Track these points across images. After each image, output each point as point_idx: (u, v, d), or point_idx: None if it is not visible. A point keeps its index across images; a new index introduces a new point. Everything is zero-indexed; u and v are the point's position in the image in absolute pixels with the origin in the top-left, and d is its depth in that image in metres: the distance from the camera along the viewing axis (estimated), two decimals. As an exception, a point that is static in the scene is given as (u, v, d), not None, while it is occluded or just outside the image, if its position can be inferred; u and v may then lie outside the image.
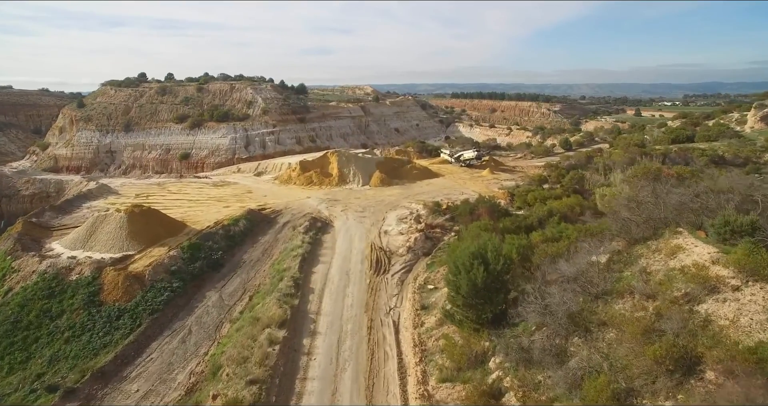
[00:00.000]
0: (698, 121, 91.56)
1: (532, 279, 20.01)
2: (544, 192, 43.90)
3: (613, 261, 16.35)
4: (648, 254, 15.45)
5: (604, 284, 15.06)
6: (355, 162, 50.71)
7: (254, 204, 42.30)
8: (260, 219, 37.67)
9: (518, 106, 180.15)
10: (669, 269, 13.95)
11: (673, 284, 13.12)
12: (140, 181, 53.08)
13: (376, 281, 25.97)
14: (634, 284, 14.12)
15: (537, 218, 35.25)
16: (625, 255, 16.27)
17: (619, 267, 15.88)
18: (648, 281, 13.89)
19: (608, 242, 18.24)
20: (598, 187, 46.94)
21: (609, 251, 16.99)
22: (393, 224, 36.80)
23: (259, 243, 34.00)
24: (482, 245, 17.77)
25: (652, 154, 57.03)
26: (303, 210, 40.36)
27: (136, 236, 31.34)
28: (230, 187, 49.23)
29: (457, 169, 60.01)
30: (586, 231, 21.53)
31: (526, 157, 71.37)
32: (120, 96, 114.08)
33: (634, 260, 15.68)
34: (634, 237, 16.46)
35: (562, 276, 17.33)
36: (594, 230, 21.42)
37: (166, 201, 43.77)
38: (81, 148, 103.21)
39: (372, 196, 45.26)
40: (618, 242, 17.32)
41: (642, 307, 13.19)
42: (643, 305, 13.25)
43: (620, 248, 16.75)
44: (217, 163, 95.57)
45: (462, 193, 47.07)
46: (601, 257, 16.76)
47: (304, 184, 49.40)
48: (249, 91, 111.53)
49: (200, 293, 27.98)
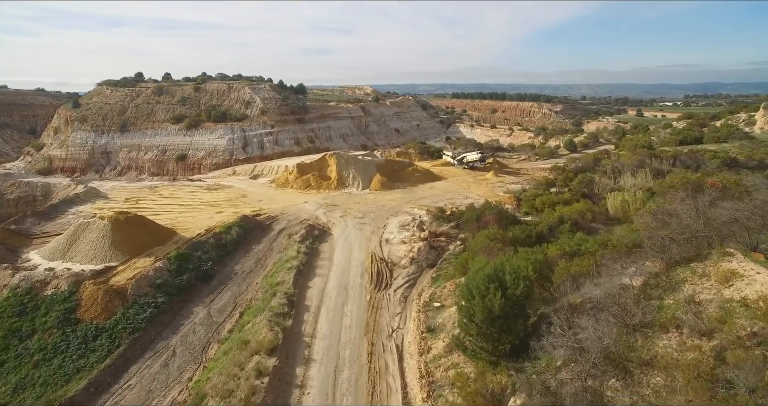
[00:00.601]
0: (705, 122, 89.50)
1: (551, 301, 17.87)
2: (552, 197, 41.75)
3: (650, 285, 14.18)
4: (693, 279, 13.26)
5: (642, 313, 12.89)
6: (355, 165, 48.50)
7: (248, 209, 40.10)
8: (254, 226, 35.46)
9: (519, 107, 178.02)
10: (725, 299, 11.77)
11: (733, 320, 10.95)
12: (132, 184, 50.88)
13: (377, 298, 23.76)
14: (681, 316, 11.97)
15: (547, 225, 33.18)
16: (663, 279, 14.10)
17: (657, 293, 13.70)
18: (699, 313, 11.74)
19: (640, 260, 16.10)
20: (608, 191, 44.90)
21: (643, 273, 14.84)
22: (395, 231, 34.60)
23: (252, 252, 31.78)
24: (499, 265, 15.55)
25: (661, 157, 54.97)
26: (300, 216, 38.16)
27: (120, 246, 29.11)
28: (224, 191, 47.00)
29: (460, 172, 57.83)
30: (609, 245, 19.35)
31: (530, 158, 69.23)
32: (116, 96, 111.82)
33: (676, 285, 13.49)
34: (674, 258, 14.30)
35: (590, 300, 15.17)
36: (618, 245, 19.23)
37: (156, 206, 41.55)
38: (76, 149, 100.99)
39: (372, 200, 43.07)
40: (653, 261, 15.17)
41: (695, 347, 11.02)
42: (696, 344, 11.08)
43: (657, 270, 14.58)
44: (214, 165, 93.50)
45: (466, 198, 44.90)
46: (634, 280, 14.62)
47: (301, 187, 47.19)
48: (247, 91, 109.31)
49: (187, 309, 25.77)
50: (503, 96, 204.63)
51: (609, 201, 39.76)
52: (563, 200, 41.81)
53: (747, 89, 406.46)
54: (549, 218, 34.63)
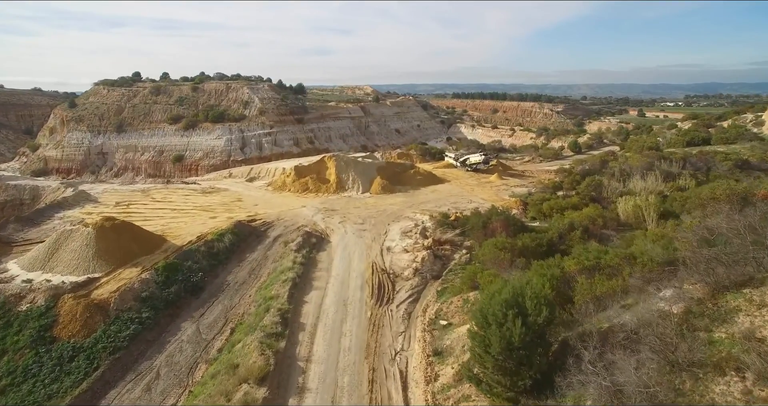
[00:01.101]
0: (710, 123, 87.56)
1: (572, 324, 15.96)
2: (560, 201, 39.84)
3: (693, 314, 12.29)
4: (749, 308, 11.35)
5: (688, 349, 11.00)
6: (355, 167, 46.56)
7: (244, 214, 38.19)
8: (249, 233, 33.53)
9: (520, 107, 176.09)
10: (795, 338, 9.89)
11: (811, 367, 9.09)
12: (124, 187, 48.93)
13: (378, 314, 21.85)
14: (742, 356, 10.11)
15: (557, 232, 31.30)
16: (709, 306, 12.21)
17: (704, 324, 11.79)
18: (763, 354, 9.87)
19: (675, 281, 14.21)
20: (618, 195, 42.98)
21: (683, 298, 12.95)
22: (396, 238, 32.69)
23: (246, 261, 29.86)
24: (518, 289, 13.62)
25: (671, 159, 53.05)
26: (297, 222, 36.24)
27: (104, 255, 27.18)
28: (219, 195, 45.06)
29: (463, 174, 55.92)
30: (638, 262, 17.41)
31: (535, 160, 67.32)
32: (113, 96, 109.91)
33: (727, 315, 11.59)
34: (721, 282, 12.40)
35: (621, 328, 13.26)
36: (647, 261, 17.28)
37: (147, 210, 39.62)
38: (71, 149, 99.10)
39: (373, 205, 41.15)
40: (693, 284, 13.27)
41: (765, 398, 9.16)
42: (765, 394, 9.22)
43: (701, 296, 12.68)
44: (212, 166, 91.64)
45: (470, 202, 43.00)
46: (674, 306, 12.73)
47: (299, 191, 45.25)
48: (245, 91, 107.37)
49: (174, 325, 23.87)
50: (504, 96, 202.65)
51: (620, 206, 37.86)
52: (571, 205, 39.98)
53: (747, 89, 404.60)
54: (558, 224, 32.73)
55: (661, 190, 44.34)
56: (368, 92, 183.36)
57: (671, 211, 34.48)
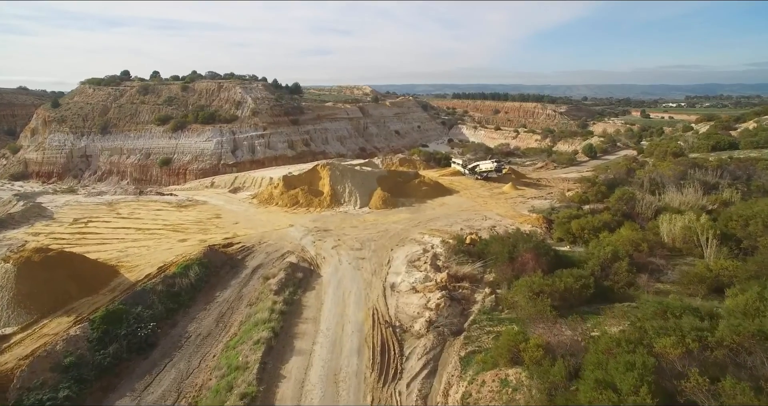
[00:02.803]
0: (730, 125, 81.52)
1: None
2: (591, 220, 33.52)
3: None
4: None
5: None
6: (352, 177, 40.17)
7: (220, 236, 31.77)
8: (222, 262, 27.12)
9: (522, 108, 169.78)
10: None
11: None
12: (89, 199, 42.39)
13: (382, 398, 15.50)
14: None
15: (598, 264, 25.18)
16: None
17: None
18: None
19: None
20: (653, 210, 36.86)
21: None
22: (402, 270, 26.36)
23: (214, 303, 23.46)
24: None
25: (705, 166, 46.92)
26: (282, 246, 29.86)
27: (26, 301, 20.76)
28: (196, 210, 38.57)
29: (472, 183, 49.59)
30: None
31: (548, 166, 61.00)
32: (98, 95, 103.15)
33: None
34: None
35: None
36: None
37: (108, 230, 33.16)
38: (53, 152, 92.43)
39: (373, 223, 34.79)
40: None
41: None
42: None
43: None
44: (200, 170, 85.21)
45: (485, 218, 36.71)
46: None
47: (287, 205, 38.83)
48: (238, 91, 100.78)
49: (107, 402, 17.46)
50: (506, 97, 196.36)
51: (663, 226, 31.68)
52: (603, 222, 33.83)
53: (745, 90, 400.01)
54: (599, 252, 26.44)
55: (703, 205, 38.15)
56: (367, 92, 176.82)
57: (730, 233, 28.38)
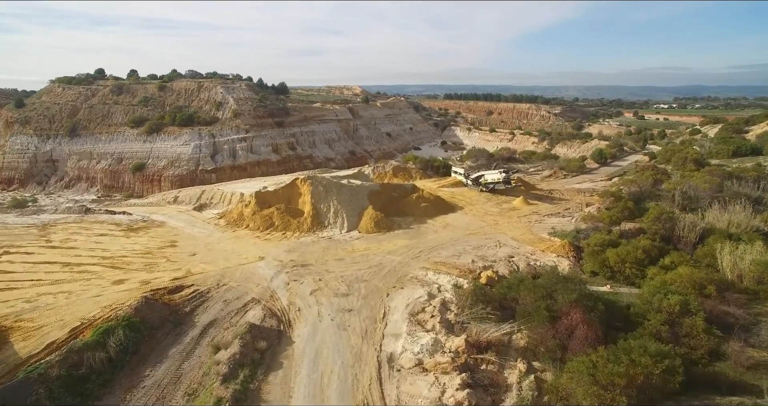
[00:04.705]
0: (740, 128, 76.03)
1: None
2: (632, 249, 26.91)
3: None
4: None
5: None
6: (338, 194, 33.08)
7: (169, 274, 24.51)
8: (162, 319, 19.92)
9: (516, 109, 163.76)
10: None
11: None
12: (21, 219, 34.66)
13: None
14: None
15: (664, 320, 18.72)
16: None
17: None
18: None
19: None
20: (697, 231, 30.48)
21: None
22: (403, 328, 19.45)
23: (138, 390, 16.29)
24: None
25: (742, 177, 40.75)
26: (246, 291, 22.74)
27: None
28: (148, 235, 31.19)
29: (477, 196, 42.81)
30: None
31: (557, 174, 54.47)
32: (68, 95, 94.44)
33: None
34: None
35: None
36: None
37: (24, 265, 25.62)
38: (15, 155, 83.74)
39: (363, 253, 27.77)
40: None
41: None
42: None
43: None
44: (177, 177, 77.37)
45: (498, 244, 29.94)
46: None
47: (260, 228, 31.63)
48: (219, 91, 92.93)
49: None
50: (498, 97, 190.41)
51: (725, 260, 25.30)
52: (643, 249, 27.42)
53: (729, 92, 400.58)
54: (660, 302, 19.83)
55: (756, 226, 31.91)
56: (357, 93, 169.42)
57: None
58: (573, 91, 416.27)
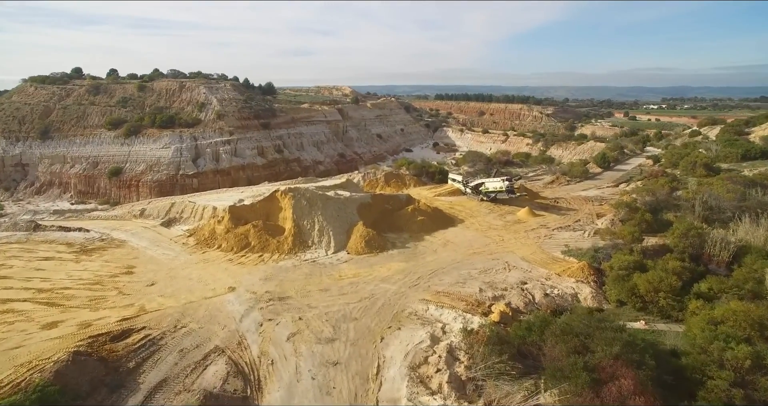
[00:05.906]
0: (741, 129, 73.17)
1: None
2: (666, 277, 23.06)
3: None
4: None
5: None
6: (323, 208, 28.73)
7: (118, 312, 19.98)
8: (94, 382, 15.43)
9: (508, 109, 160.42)
10: None
11: None
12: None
13: None
14: None
15: (735, 380, 14.89)
16: None
17: None
18: None
19: None
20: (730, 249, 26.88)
21: None
22: (402, 390, 15.24)
23: None
24: None
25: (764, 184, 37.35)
26: (209, 336, 18.31)
27: None
28: (103, 258, 26.53)
29: (477, 206, 38.77)
30: None
31: (560, 180, 50.66)
32: (40, 95, 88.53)
33: None
34: None
35: None
36: None
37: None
38: (-19, 160, 77.90)
39: (352, 281, 23.48)
40: None
41: None
42: None
43: None
44: (155, 182, 72.26)
45: (507, 267, 25.88)
46: None
47: (234, 248, 27.18)
48: (202, 91, 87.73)
49: None
50: (490, 98, 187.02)
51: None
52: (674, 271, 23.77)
53: (713, 93, 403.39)
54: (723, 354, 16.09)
55: (792, 244, 28.15)
56: (347, 93, 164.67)
57: None
58: (563, 91, 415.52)
